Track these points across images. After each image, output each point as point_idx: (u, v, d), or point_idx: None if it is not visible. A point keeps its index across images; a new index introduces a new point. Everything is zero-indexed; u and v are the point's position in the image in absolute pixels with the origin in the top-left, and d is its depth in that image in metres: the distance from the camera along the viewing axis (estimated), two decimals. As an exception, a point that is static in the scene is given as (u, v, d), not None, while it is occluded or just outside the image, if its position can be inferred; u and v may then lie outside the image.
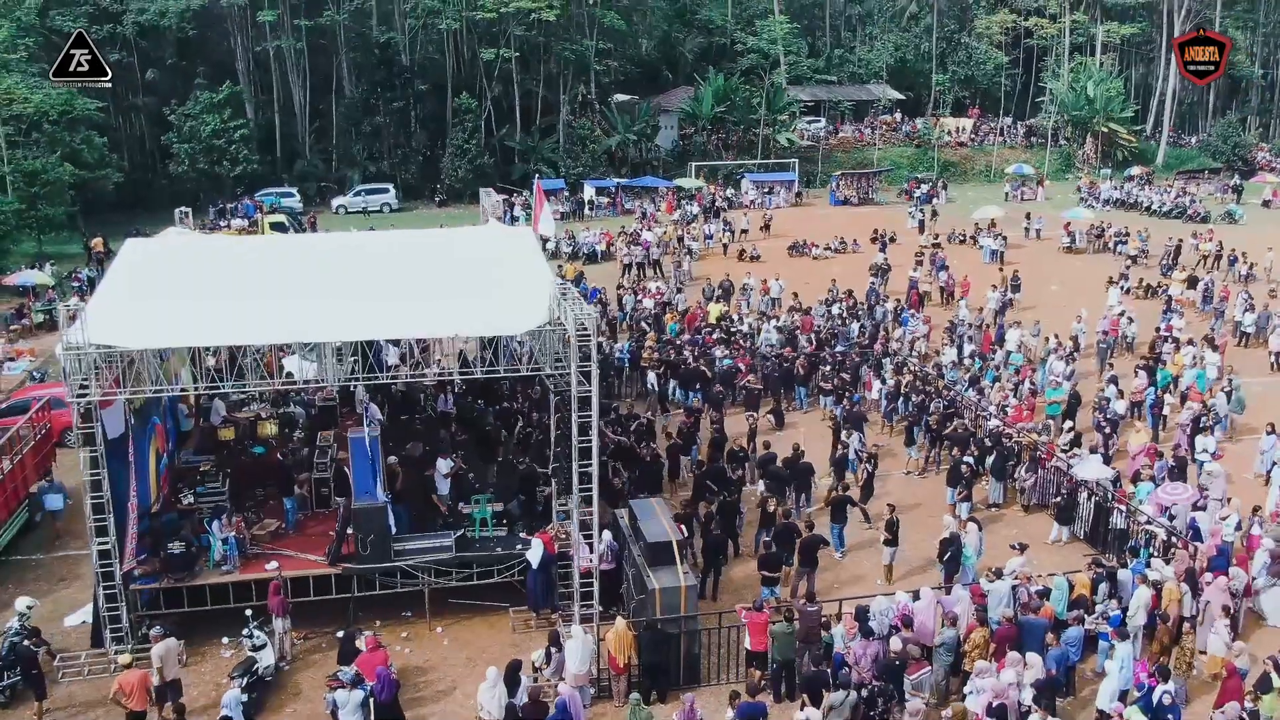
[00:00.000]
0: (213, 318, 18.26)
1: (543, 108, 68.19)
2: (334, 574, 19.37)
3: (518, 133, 67.47)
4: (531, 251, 21.66)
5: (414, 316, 18.47)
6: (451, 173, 63.29)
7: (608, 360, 31.37)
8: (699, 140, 70.36)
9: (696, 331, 34.54)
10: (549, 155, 66.47)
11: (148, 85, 62.15)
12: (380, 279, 19.91)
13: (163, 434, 21.80)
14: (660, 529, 18.69)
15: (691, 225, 54.25)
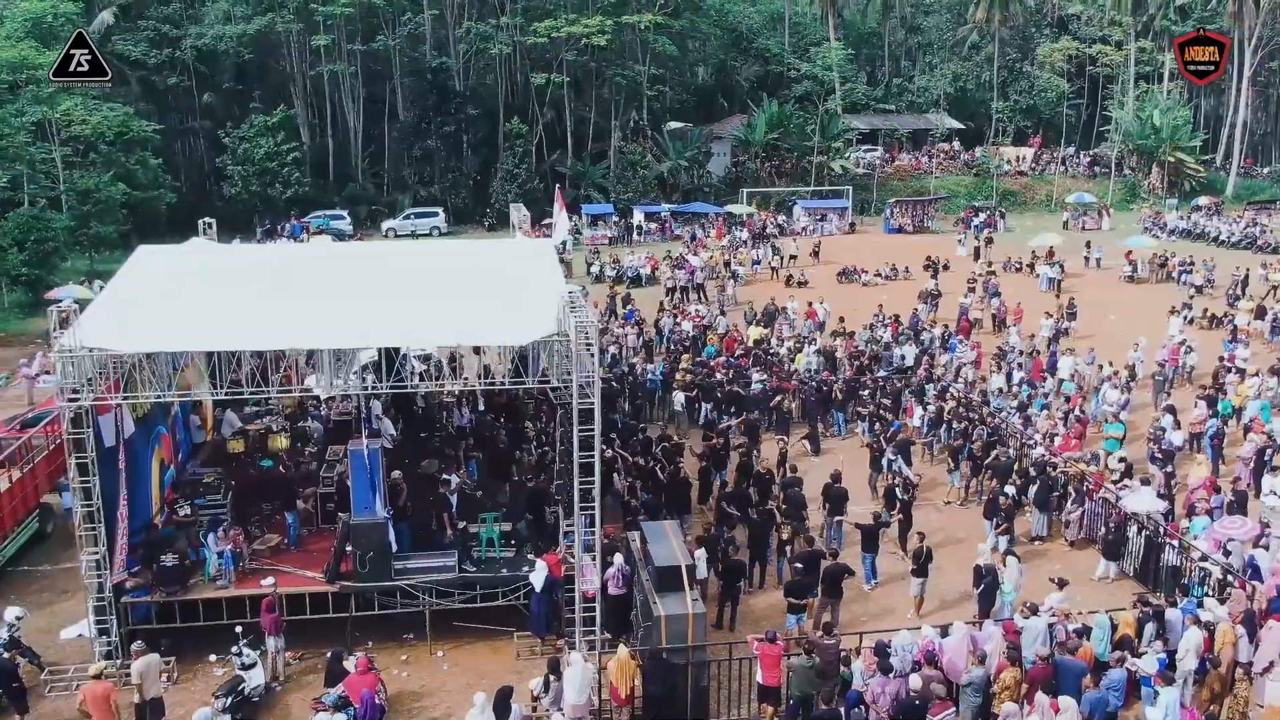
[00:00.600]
0: (213, 324, 17.67)
1: (594, 133, 67.80)
2: (331, 592, 18.55)
3: (569, 158, 67.11)
4: (546, 263, 20.81)
5: (417, 324, 17.71)
6: (501, 197, 62.92)
7: (639, 382, 30.44)
8: (751, 167, 69.47)
9: (733, 354, 33.42)
10: (599, 180, 66.00)
11: (205, 109, 62.84)
12: (387, 288, 19.23)
13: (170, 445, 21.25)
14: (670, 552, 17.59)
15: (739, 250, 53.23)
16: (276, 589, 18.19)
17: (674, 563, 17.25)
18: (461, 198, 64.76)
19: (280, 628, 17.87)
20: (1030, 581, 19.94)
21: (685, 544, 18.19)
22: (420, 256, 22.48)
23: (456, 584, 18.69)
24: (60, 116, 52.43)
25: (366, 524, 18.32)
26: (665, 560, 17.37)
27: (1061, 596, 18.15)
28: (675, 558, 17.38)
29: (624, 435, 25.87)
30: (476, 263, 21.14)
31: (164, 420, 21.08)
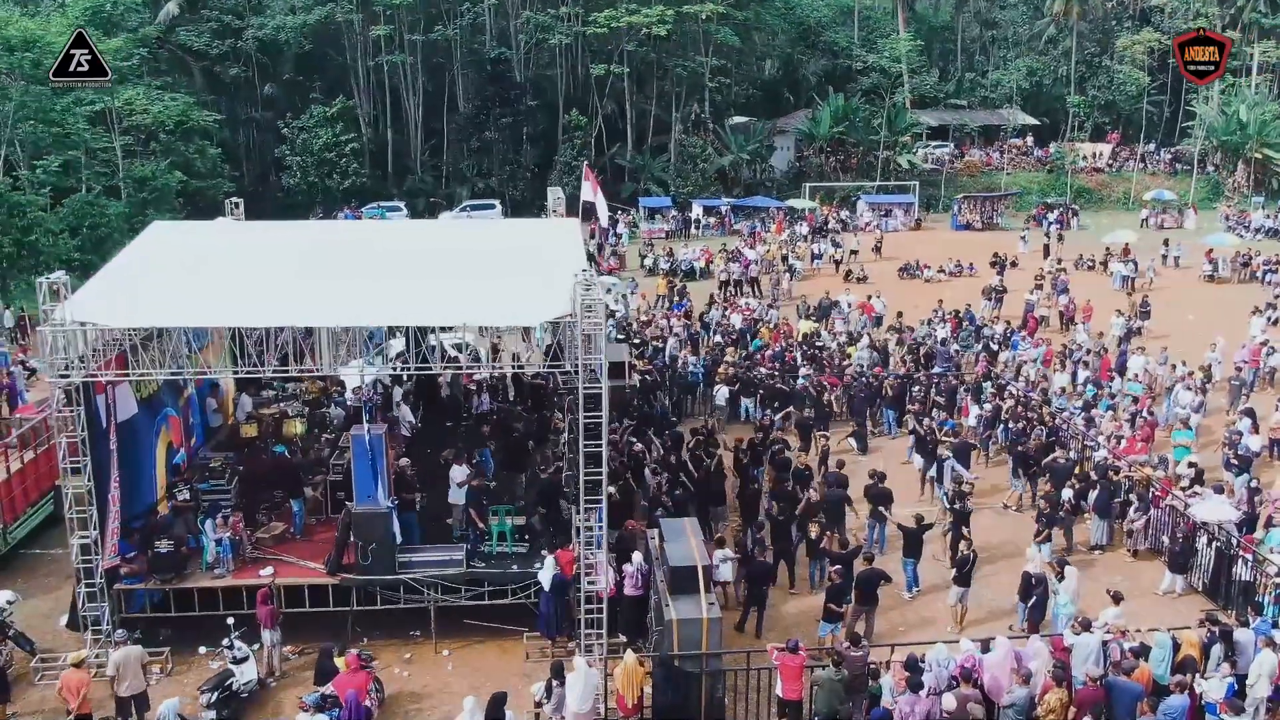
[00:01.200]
0: (213, 300, 16.80)
1: (655, 126, 66.56)
2: (331, 584, 17.57)
3: (629, 151, 65.97)
4: (569, 242, 19.63)
5: (424, 304, 16.63)
6: (562, 189, 61.90)
7: (678, 375, 29.16)
8: (815, 161, 67.68)
9: (781, 348, 31.92)
10: (659, 174, 64.76)
11: (266, 100, 62.83)
12: (400, 267, 18.25)
13: (180, 428, 20.48)
14: (687, 552, 16.29)
15: (798, 244, 51.64)
16: (275, 580, 17.29)
17: (690, 563, 15.95)
18: (519, 190, 63.91)
19: (276, 620, 16.94)
20: (1087, 594, 18.25)
21: (707, 544, 16.83)
22: (439, 236, 21.52)
23: (463, 580, 17.61)
24: (122, 106, 52.76)
25: (368, 514, 17.33)
26: (681, 560, 16.07)
27: (1118, 611, 16.48)
28: (691, 557, 16.07)
29: (658, 428, 24.62)
30: (496, 243, 20.10)
31: (174, 402, 20.32)
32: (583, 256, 18.73)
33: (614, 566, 17.41)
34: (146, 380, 18.84)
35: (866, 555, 18.47)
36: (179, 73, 60.54)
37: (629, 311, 37.41)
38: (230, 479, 19.12)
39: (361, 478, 17.22)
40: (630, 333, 33.41)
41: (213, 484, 19.05)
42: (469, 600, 17.70)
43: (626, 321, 35.59)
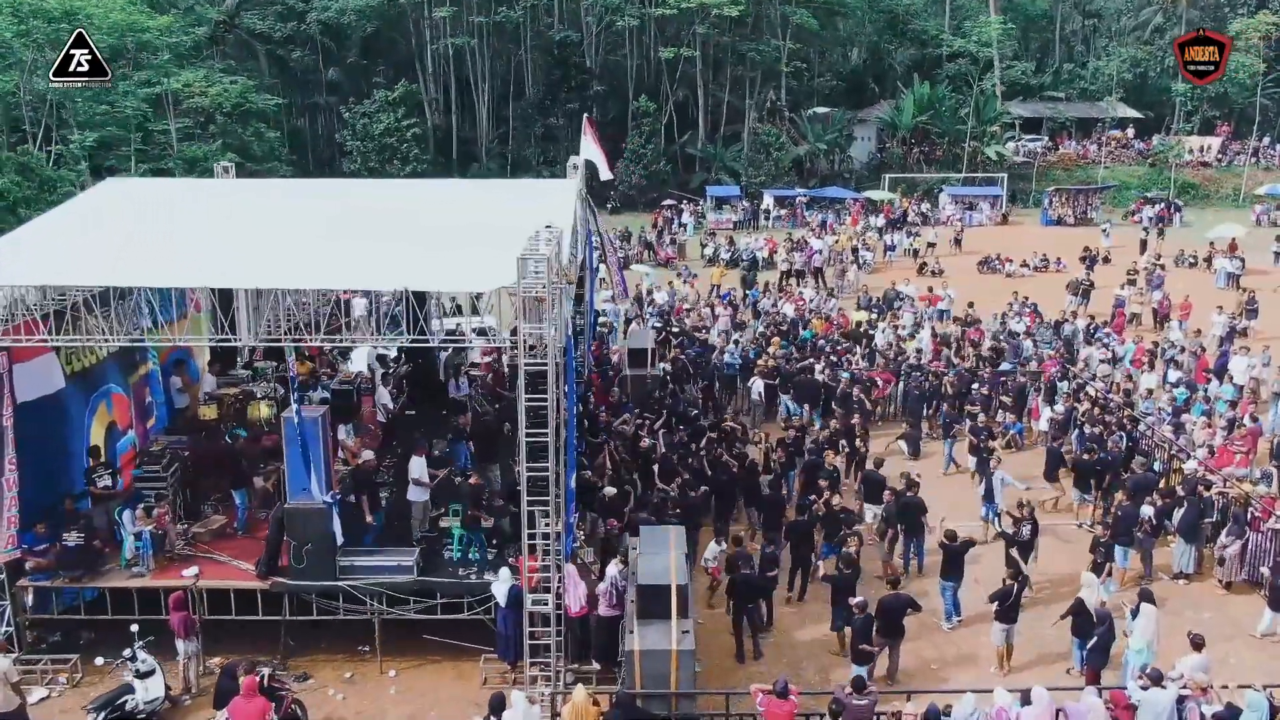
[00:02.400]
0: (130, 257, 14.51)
1: (728, 114, 63.54)
2: (260, 590, 15.12)
3: (700, 139, 63.06)
4: (558, 205, 16.93)
5: (363, 267, 14.11)
6: (625, 178, 59.45)
7: (711, 365, 26.29)
8: (896, 152, 63.84)
9: (836, 341, 28.76)
10: (730, 163, 61.72)
11: (330, 85, 61.46)
12: (353, 228, 15.77)
13: (126, 407, 18.29)
14: (660, 567, 13.45)
15: (868, 235, 48.19)
16: (197, 582, 14.93)
17: (661, 580, 13.09)
18: (585, 179, 61.42)
19: (193, 629, 14.58)
20: (1165, 634, 14.86)
21: (683, 557, 13.93)
22: (418, 196, 19.02)
23: (412, 590, 15.00)
24: (181, 88, 51.85)
25: (302, 510, 14.88)
26: (651, 577, 13.25)
27: (1201, 660, 13.15)
28: (664, 574, 13.23)
29: (680, 421, 21.83)
30: (475, 204, 17.48)
31: (121, 378, 18.14)
32: (563, 217, 16.00)
33: (594, 576, 14.70)
34: (82, 351, 16.77)
35: (890, 580, 15.35)
36: (244, 56, 59.58)
37: (674, 300, 34.59)
38: (169, 465, 16.79)
39: (293, 467, 14.71)
40: (669, 321, 30.61)
41: (146, 470, 16.75)
42: (419, 613, 15.10)
43: (666, 309, 32.81)
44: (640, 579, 13.29)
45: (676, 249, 47.00)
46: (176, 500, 16.81)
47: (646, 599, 13.05)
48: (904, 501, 17.77)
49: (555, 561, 13.72)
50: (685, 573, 13.35)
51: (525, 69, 62.97)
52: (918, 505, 17.73)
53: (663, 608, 12.87)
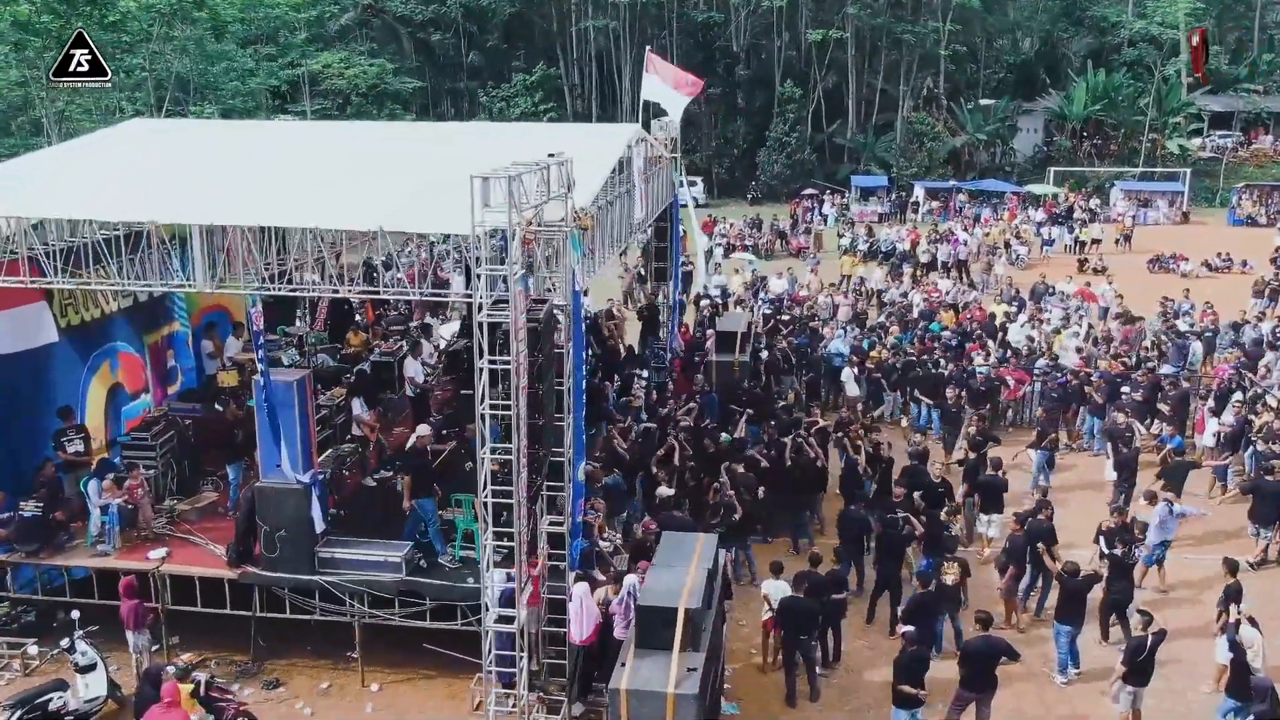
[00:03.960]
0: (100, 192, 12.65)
1: (881, 102, 59.52)
2: (228, 579, 13.00)
3: (850, 129, 59.27)
4: (602, 149, 14.29)
5: (332, 207, 11.79)
6: (768, 168, 56.40)
7: (816, 356, 23.21)
8: (1064, 144, 58.49)
9: (964, 335, 25.11)
10: (881, 154, 57.77)
11: (471, 69, 60.42)
12: (353, 168, 13.56)
13: (138, 369, 16.63)
14: (672, 584, 10.58)
15: (1024, 229, 43.74)
16: (160, 566, 12.94)
17: (666, 602, 10.24)
18: (725, 168, 58.76)
19: (144, 620, 12.57)
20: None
21: (708, 574, 10.99)
22: (449, 137, 16.77)
23: (398, 591, 12.62)
24: (320, 69, 51.71)
25: (275, 490, 12.66)
26: (656, 595, 10.41)
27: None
28: (674, 594, 10.36)
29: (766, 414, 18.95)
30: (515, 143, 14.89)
31: (134, 336, 16.49)
32: (602, 159, 13.35)
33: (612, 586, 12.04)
34: (83, 302, 15.14)
35: (982, 617, 12.02)
36: (386, 39, 59.18)
37: (792, 287, 31.48)
38: (160, 434, 14.91)
39: (263, 440, 12.51)
40: (780, 309, 27.57)
41: (134, 437, 14.92)
42: (405, 618, 12.69)
43: (783, 297, 29.76)
44: (641, 598, 10.48)
45: (812, 239, 43.66)
46: (168, 473, 14.91)
47: (647, 624, 10.24)
48: (1032, 527, 14.32)
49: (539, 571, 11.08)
50: (703, 594, 10.44)
51: (669, 52, 60.35)
52: (1044, 532, 14.24)
53: (664, 636, 10.03)
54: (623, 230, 15.15)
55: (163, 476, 14.81)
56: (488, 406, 9.94)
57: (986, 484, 16.45)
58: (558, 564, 11.88)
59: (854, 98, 59.12)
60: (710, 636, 10.68)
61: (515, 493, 10.01)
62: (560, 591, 11.83)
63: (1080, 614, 13.09)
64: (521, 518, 10.18)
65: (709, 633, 10.58)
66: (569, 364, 11.24)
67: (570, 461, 11.53)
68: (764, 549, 15.96)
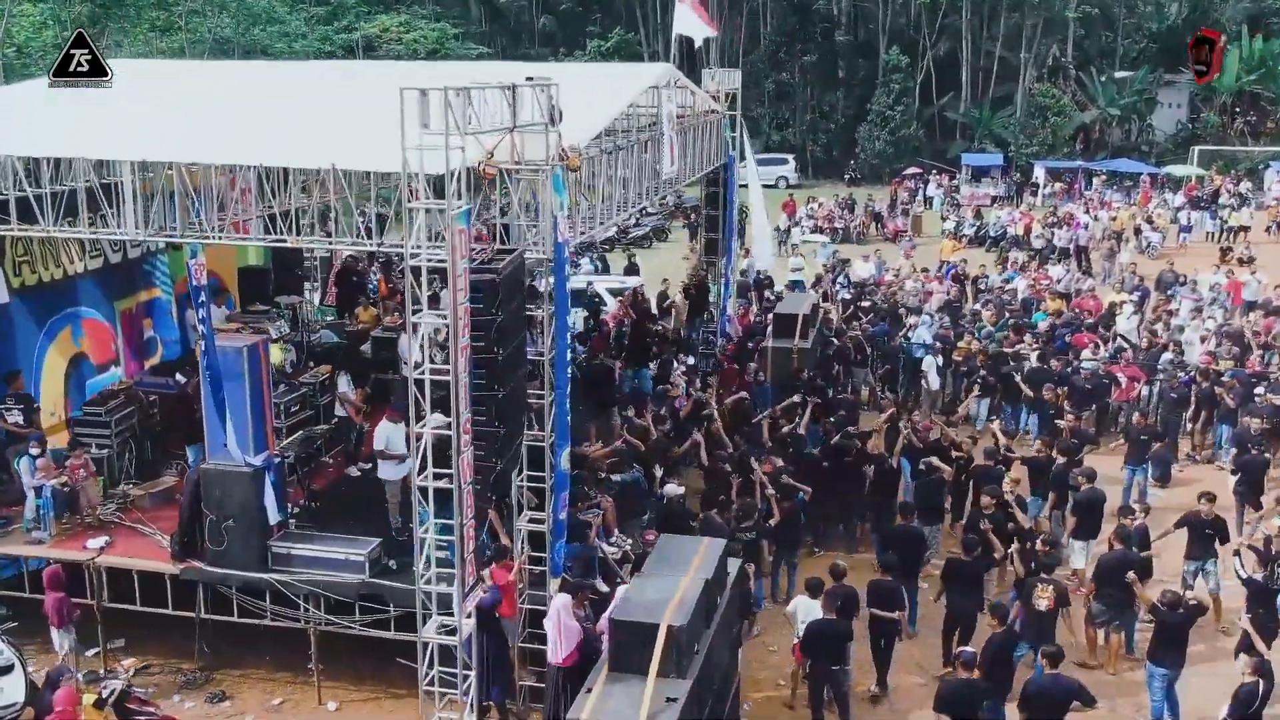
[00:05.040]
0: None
1: (999, 72, 57.37)
2: (169, 575, 12.31)
3: (963, 102, 57.29)
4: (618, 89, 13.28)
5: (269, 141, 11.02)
6: (868, 145, 54.77)
7: (886, 345, 21.94)
8: (1212, 120, 55.60)
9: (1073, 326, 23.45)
10: (998, 130, 55.72)
11: (543, 34, 60.00)
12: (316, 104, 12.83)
13: (107, 338, 16.17)
14: (658, 596, 9.50)
15: (1158, 214, 41.43)
16: (97, 557, 12.31)
17: (644, 617, 9.16)
18: (821, 145, 57.29)
19: (69, 617, 11.92)
20: None
21: (705, 585, 9.87)
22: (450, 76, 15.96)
23: (357, 593, 11.79)
24: (378, 32, 51.73)
25: (221, 473, 11.92)
26: (633, 611, 9.33)
27: None
28: (657, 609, 9.26)
29: (827, 407, 17.78)
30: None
31: (104, 302, 16.01)
32: (614, 98, 12.33)
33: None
34: (43, 259, 14.69)
35: (1050, 652, 10.63)
36: (455, 3, 59.09)
37: (880, 271, 30.09)
38: (117, 409, 14.34)
39: (209, 417, 11.79)
40: (861, 294, 26.25)
41: (86, 413, 14.37)
42: (366, 627, 11.85)
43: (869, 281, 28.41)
44: (616, 611, 9.42)
45: (910, 222, 42.02)
46: (125, 454, 14.32)
47: (622, 643, 9.16)
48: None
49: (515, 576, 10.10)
50: (695, 609, 9.30)
51: (761, 17, 59.21)
52: (1135, 560, 12.77)
53: (641, 658, 8.95)
54: (643, 184, 14.13)
55: (119, 457, 14.22)
56: (427, 371, 8.99)
57: (1085, 502, 14.92)
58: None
59: (969, 67, 57.26)
60: (707, 661, 9.57)
61: (455, 475, 9.04)
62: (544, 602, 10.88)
63: (1179, 654, 11.61)
64: (463, 505, 9.21)
65: (702, 656, 9.47)
66: (551, 330, 10.24)
67: (551, 448, 10.53)
68: (817, 562, 14.74)
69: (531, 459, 10.83)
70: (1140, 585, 12.35)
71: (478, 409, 9.17)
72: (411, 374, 9.12)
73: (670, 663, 9.01)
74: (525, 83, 9.60)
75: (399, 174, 9.02)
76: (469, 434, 9.12)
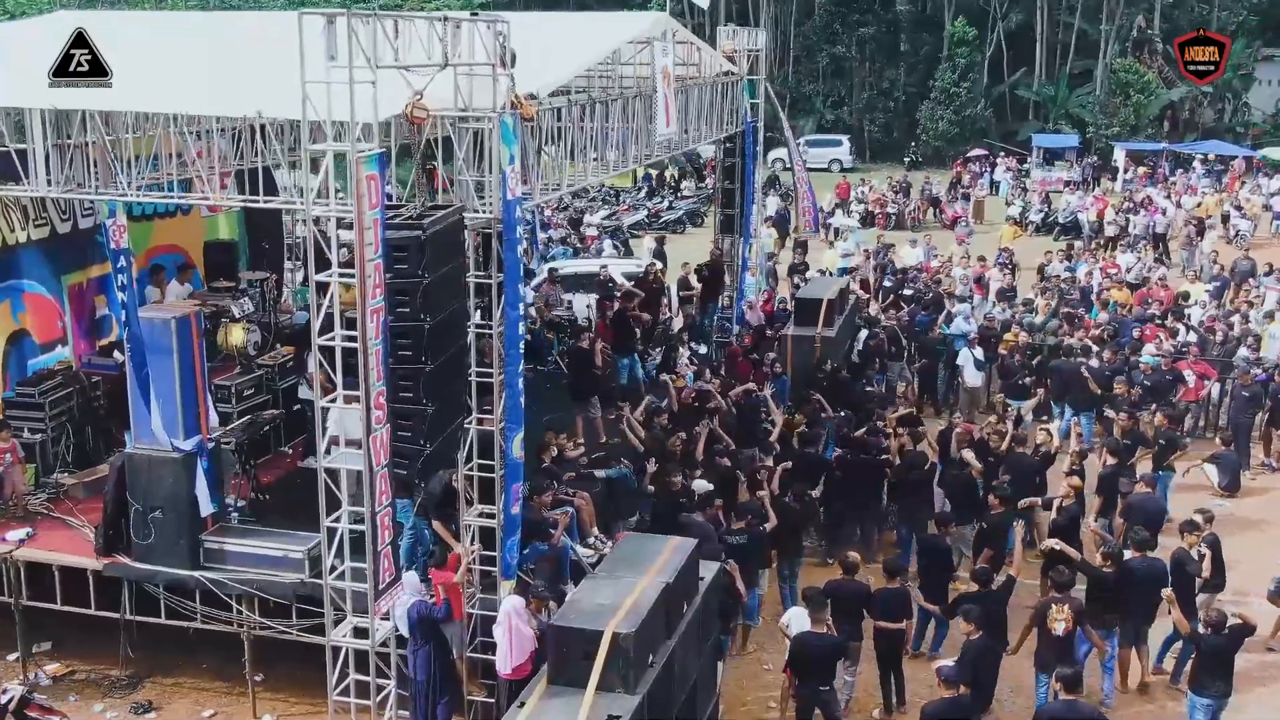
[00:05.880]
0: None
1: (1077, 46, 56.25)
2: (92, 571, 12.01)
3: (1036, 79, 56.25)
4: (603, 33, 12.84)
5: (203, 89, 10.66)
6: (930, 125, 53.93)
7: (924, 337, 21.31)
8: (1321, 97, 54.32)
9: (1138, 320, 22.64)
10: (1075, 109, 54.66)
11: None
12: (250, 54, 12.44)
13: (52, 314, 15.95)
14: (608, 600, 9.01)
15: (1250, 200, 40.26)
16: (15, 551, 12.05)
17: (587, 624, 8.67)
18: (880, 125, 56.52)
19: (-23, 617, 11.70)
20: None
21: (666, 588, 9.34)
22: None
23: (296, 596, 11.40)
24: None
25: (146, 459, 11.60)
26: (576, 616, 8.85)
27: None
28: (605, 613, 8.77)
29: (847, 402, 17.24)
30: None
31: (49, 275, 15.76)
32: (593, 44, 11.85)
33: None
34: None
35: (1065, 675, 9.95)
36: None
37: (928, 256, 29.46)
38: (52, 392, 14.08)
39: (133, 396, 11.48)
40: (903, 281, 25.61)
41: (19, 394, 14.12)
42: (304, 632, 11.45)
43: (914, 268, 27.78)
44: (557, 616, 8.93)
45: (970, 207, 41.15)
46: (61, 439, 14.06)
47: (563, 652, 8.67)
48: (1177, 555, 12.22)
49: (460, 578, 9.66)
50: (650, 615, 8.78)
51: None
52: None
53: (580, 670, 8.45)
54: (629, 144, 13.63)
55: (53, 443, 13.94)
56: (339, 338, 8.55)
57: (1138, 507, 14.23)
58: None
59: (1043, 40, 56.31)
60: (665, 676, 9.06)
61: (365, 456, 8.58)
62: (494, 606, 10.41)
63: (1225, 681, 10.92)
64: (375, 490, 8.76)
65: (658, 670, 8.95)
66: (501, 300, 9.77)
67: (502, 433, 10.06)
68: (829, 573, 14.12)
69: (483, 445, 10.37)
70: (1176, 604, 11.66)
71: (403, 384, 8.73)
72: (315, 340, 8.68)
73: (615, 675, 8.53)
74: (467, 17, 9.13)
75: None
76: (382, 410, 8.68)
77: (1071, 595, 11.75)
